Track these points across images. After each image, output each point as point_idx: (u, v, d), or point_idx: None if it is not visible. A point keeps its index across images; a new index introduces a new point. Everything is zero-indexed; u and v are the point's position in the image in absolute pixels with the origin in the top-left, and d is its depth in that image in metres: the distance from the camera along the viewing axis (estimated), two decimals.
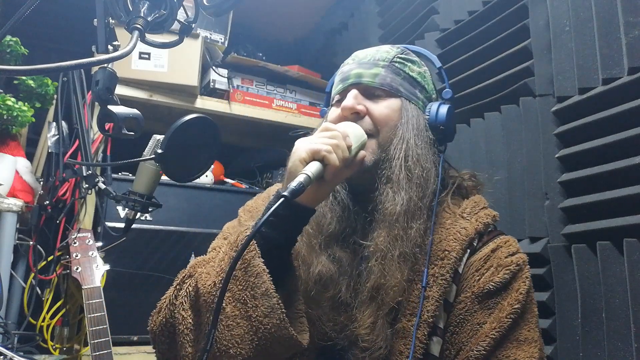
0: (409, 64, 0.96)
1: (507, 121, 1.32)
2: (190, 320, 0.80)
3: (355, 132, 0.85)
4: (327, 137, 0.79)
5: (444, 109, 0.93)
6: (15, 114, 1.60)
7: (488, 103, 1.39)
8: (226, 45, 2.12)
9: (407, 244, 0.82)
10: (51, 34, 2.17)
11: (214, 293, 0.77)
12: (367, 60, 0.94)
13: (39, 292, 1.68)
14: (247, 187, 2.11)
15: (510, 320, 0.78)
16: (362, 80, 0.92)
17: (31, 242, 1.68)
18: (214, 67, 1.99)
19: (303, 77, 2.18)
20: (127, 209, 1.01)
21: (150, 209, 1.05)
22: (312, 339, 0.79)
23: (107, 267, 1.55)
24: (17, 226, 1.58)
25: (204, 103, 1.99)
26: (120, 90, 1.69)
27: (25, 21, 0.62)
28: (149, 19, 0.75)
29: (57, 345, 1.65)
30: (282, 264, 0.80)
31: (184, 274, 0.88)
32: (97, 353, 1.33)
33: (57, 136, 1.79)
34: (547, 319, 1.12)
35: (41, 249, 1.71)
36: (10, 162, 1.65)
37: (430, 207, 0.87)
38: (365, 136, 0.87)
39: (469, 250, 0.86)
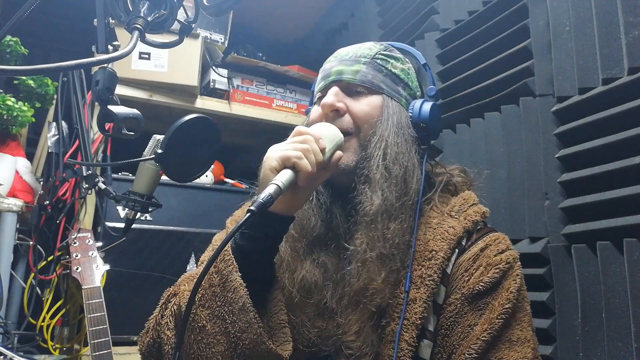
0: (392, 61, 0.94)
1: (507, 121, 1.32)
2: (175, 340, 0.79)
3: (329, 133, 0.82)
4: (298, 142, 0.76)
5: (427, 106, 0.91)
6: (15, 114, 1.60)
7: (488, 103, 1.39)
8: (226, 45, 2.12)
9: (384, 245, 0.80)
10: (51, 34, 2.17)
11: (194, 310, 0.76)
12: (348, 57, 0.93)
13: (39, 292, 1.68)
14: (247, 187, 2.11)
15: (502, 320, 0.77)
16: (343, 77, 0.90)
17: (31, 242, 1.68)
18: (214, 67, 1.99)
19: (303, 77, 2.18)
20: (127, 209, 1.01)
21: (150, 209, 1.05)
22: (297, 346, 0.78)
23: (107, 267, 1.55)
24: (17, 226, 1.58)
25: (204, 103, 1.99)
26: (120, 90, 1.69)
27: (25, 21, 0.62)
28: (149, 19, 0.75)
29: (57, 345, 1.65)
30: (263, 275, 0.79)
31: (169, 293, 0.88)
32: (97, 353, 1.33)
33: (57, 136, 1.79)
34: (547, 319, 1.12)
35: (41, 249, 1.70)
36: (10, 162, 1.65)
37: (413, 206, 0.85)
38: (341, 136, 0.84)
39: (457, 250, 0.83)
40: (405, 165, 0.85)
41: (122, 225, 1.27)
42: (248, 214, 0.66)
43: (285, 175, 0.73)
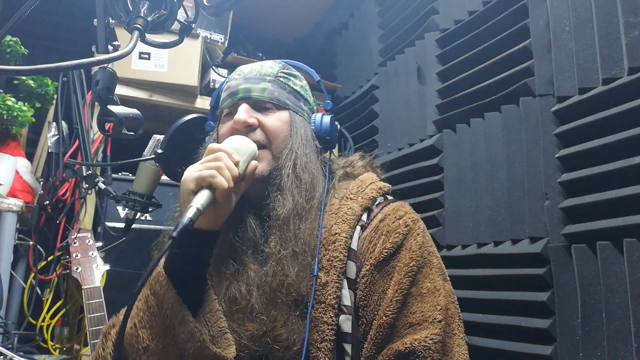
0: (292, 78, 1.01)
1: (507, 121, 1.32)
2: None
3: (241, 146, 0.87)
4: (211, 160, 0.81)
5: (326, 119, 1.01)
6: (15, 114, 1.60)
7: (488, 103, 1.39)
8: (226, 45, 2.12)
9: (296, 243, 0.86)
10: (51, 34, 2.17)
11: (134, 333, 0.81)
12: (253, 75, 0.98)
13: (39, 292, 1.68)
14: None
15: (409, 278, 0.83)
16: (252, 94, 0.95)
17: (31, 242, 1.68)
18: (214, 67, 1.99)
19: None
20: (127, 209, 1.01)
21: (150, 209, 1.05)
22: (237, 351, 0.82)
23: (107, 267, 1.54)
24: (17, 226, 1.58)
25: (204, 103, 1.98)
26: (120, 90, 1.69)
27: (25, 21, 0.62)
28: (149, 19, 0.75)
29: (57, 345, 1.65)
30: (199, 289, 0.84)
31: (107, 326, 0.93)
32: None
33: (57, 136, 1.79)
34: (547, 319, 1.12)
35: (41, 249, 1.70)
36: (10, 162, 1.65)
37: (319, 205, 0.92)
38: (254, 146, 0.89)
39: (359, 227, 0.90)
40: (313, 173, 0.94)
41: (122, 225, 1.27)
42: (170, 241, 0.70)
43: (203, 197, 0.76)
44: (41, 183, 1.78)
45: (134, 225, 1.08)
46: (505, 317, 1.23)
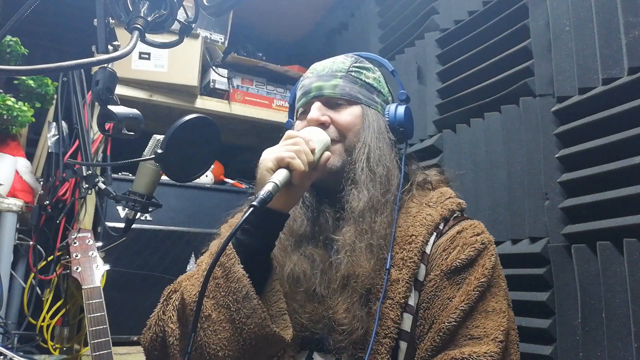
0: (364, 72, 1.02)
1: (507, 121, 1.32)
2: (179, 332, 0.84)
3: (317, 136, 0.90)
4: (290, 144, 0.84)
5: (401, 109, 1.01)
6: (15, 114, 1.60)
7: (488, 103, 1.39)
8: (226, 45, 2.12)
9: (372, 236, 0.88)
10: (51, 34, 2.17)
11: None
12: (325, 73, 1.01)
13: (39, 292, 1.68)
14: (247, 187, 2.11)
15: (478, 292, 0.83)
16: (324, 92, 0.98)
17: (31, 242, 1.68)
18: (214, 67, 1.99)
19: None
20: (127, 209, 1.01)
21: (150, 209, 1.05)
22: (293, 332, 0.83)
23: (107, 267, 1.55)
24: (17, 226, 1.58)
25: (204, 103, 1.99)
26: (120, 90, 1.69)
27: (25, 21, 0.62)
28: (149, 19, 0.75)
29: (57, 345, 1.66)
30: (263, 268, 0.85)
31: (169, 290, 0.93)
32: (97, 353, 1.33)
33: (57, 136, 1.79)
34: (547, 319, 1.12)
35: (41, 249, 1.71)
36: (10, 162, 1.65)
37: (394, 200, 0.93)
38: (328, 138, 0.92)
39: (435, 234, 0.91)
40: (387, 166, 0.95)
41: (122, 225, 1.27)
42: (251, 209, 0.72)
43: (281, 174, 0.79)
44: (41, 183, 1.78)
45: (134, 225, 1.08)
46: None
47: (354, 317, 0.83)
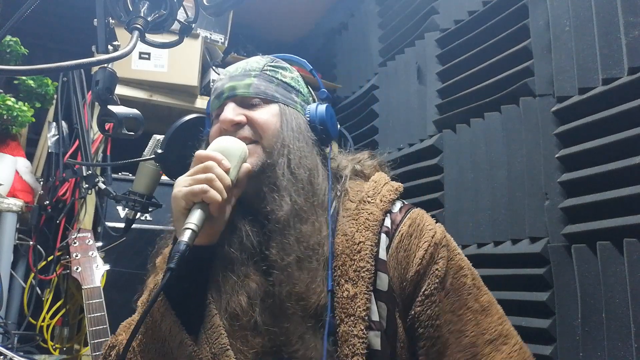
0: (280, 71, 0.95)
1: (507, 121, 1.32)
2: None
3: (231, 150, 0.81)
4: (200, 171, 0.76)
5: (321, 108, 0.93)
6: (15, 114, 1.60)
7: (488, 103, 1.39)
8: (226, 45, 2.12)
9: (299, 247, 0.79)
10: (51, 34, 2.17)
11: (133, 358, 0.79)
12: (238, 73, 0.93)
13: (39, 292, 1.68)
14: None
15: (471, 295, 0.81)
16: (237, 92, 0.90)
17: (31, 242, 1.68)
18: (214, 67, 1.99)
19: (303, 78, 2.18)
20: (127, 209, 1.01)
21: (150, 209, 1.05)
22: None
23: (107, 267, 1.55)
24: (17, 226, 1.58)
25: (204, 103, 1.98)
26: (120, 90, 1.68)
27: (25, 21, 0.62)
28: (149, 19, 0.75)
29: (57, 345, 1.65)
30: (199, 306, 0.80)
31: (108, 345, 0.90)
32: (97, 353, 1.33)
33: (57, 136, 1.79)
34: (547, 319, 1.12)
35: (41, 249, 1.70)
36: (10, 162, 1.65)
37: (324, 205, 0.85)
38: (245, 148, 0.83)
39: (384, 235, 0.84)
40: (309, 168, 0.87)
41: (122, 225, 1.27)
42: (169, 273, 0.67)
43: (196, 216, 0.72)
44: (41, 183, 1.78)
45: (134, 225, 1.08)
46: None
47: (307, 347, 0.75)
